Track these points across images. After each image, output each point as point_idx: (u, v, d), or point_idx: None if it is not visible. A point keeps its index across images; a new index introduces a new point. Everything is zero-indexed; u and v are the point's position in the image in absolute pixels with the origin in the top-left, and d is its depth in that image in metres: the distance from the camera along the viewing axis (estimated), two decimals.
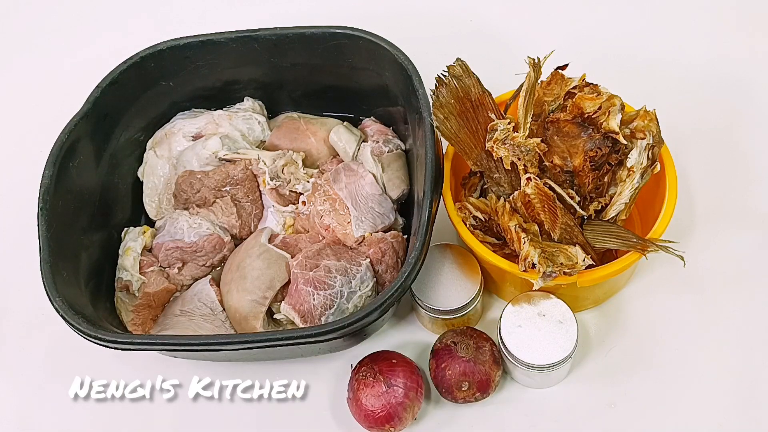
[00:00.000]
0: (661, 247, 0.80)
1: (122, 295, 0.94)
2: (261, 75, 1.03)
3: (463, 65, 0.86)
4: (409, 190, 0.97)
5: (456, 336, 0.88)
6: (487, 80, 0.87)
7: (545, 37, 1.14)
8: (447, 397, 0.88)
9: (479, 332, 0.89)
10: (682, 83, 1.10)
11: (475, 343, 0.87)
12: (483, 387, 0.86)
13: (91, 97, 0.94)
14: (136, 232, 0.97)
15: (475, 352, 0.86)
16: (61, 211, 0.87)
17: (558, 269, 0.78)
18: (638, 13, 1.19)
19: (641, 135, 0.82)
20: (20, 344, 1.00)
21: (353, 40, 0.95)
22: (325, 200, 0.94)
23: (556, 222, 0.82)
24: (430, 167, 0.83)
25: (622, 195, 0.83)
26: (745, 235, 0.98)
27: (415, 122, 0.91)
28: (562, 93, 0.85)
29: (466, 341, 0.87)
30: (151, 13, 1.30)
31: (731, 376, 0.89)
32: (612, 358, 0.91)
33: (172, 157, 1.01)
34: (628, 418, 0.88)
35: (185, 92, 1.03)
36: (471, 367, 0.86)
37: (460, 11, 1.21)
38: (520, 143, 0.82)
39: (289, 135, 1.02)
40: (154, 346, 0.81)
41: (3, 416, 0.96)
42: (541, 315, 0.84)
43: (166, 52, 0.98)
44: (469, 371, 0.86)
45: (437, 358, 0.88)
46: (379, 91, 0.99)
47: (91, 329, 0.79)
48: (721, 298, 0.94)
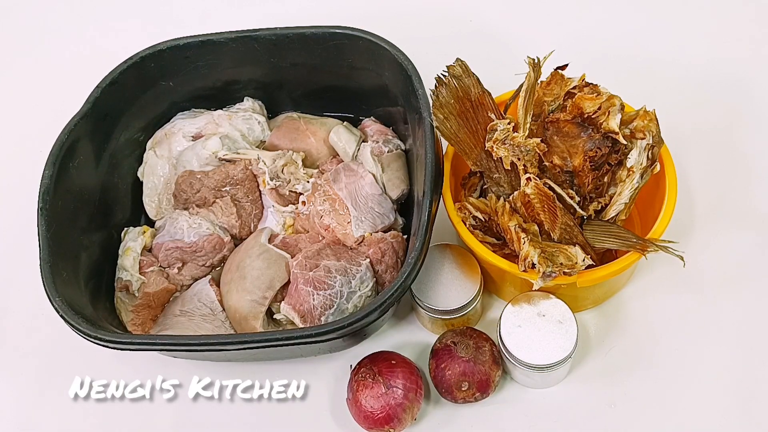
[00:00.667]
0: (660, 247, 0.80)
1: (122, 295, 0.94)
2: (261, 75, 1.03)
3: (462, 65, 0.86)
4: (408, 190, 0.97)
5: (456, 336, 0.88)
6: (486, 80, 0.87)
7: (545, 37, 1.14)
8: (447, 397, 0.88)
9: (479, 332, 0.89)
10: (681, 83, 1.10)
11: (474, 343, 0.87)
12: (483, 387, 0.86)
13: (91, 97, 0.94)
14: (136, 232, 0.97)
15: (475, 352, 0.86)
16: (61, 211, 0.87)
17: (558, 269, 0.79)
18: (638, 14, 1.19)
19: (641, 135, 0.82)
20: (20, 344, 1.00)
21: (353, 40, 0.95)
22: (324, 200, 0.94)
23: (556, 222, 0.82)
24: (429, 167, 0.83)
25: (622, 195, 0.83)
26: (744, 235, 0.98)
27: (414, 122, 0.91)
28: (562, 93, 0.85)
29: (465, 341, 0.87)
30: (151, 13, 1.30)
31: (731, 376, 0.89)
32: (612, 358, 0.91)
33: (172, 157, 1.01)
34: (628, 417, 0.88)
35: (185, 92, 1.03)
36: (471, 367, 0.86)
37: (460, 11, 1.22)
38: (520, 143, 0.82)
39: (288, 135, 1.02)
40: (154, 346, 0.81)
41: (2, 416, 0.96)
42: (541, 315, 0.84)
43: (166, 52, 0.98)
44: (469, 371, 0.86)
45: (437, 358, 0.88)
46: (379, 91, 0.99)
47: (91, 329, 0.79)
48: (721, 298, 0.94)
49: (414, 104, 0.89)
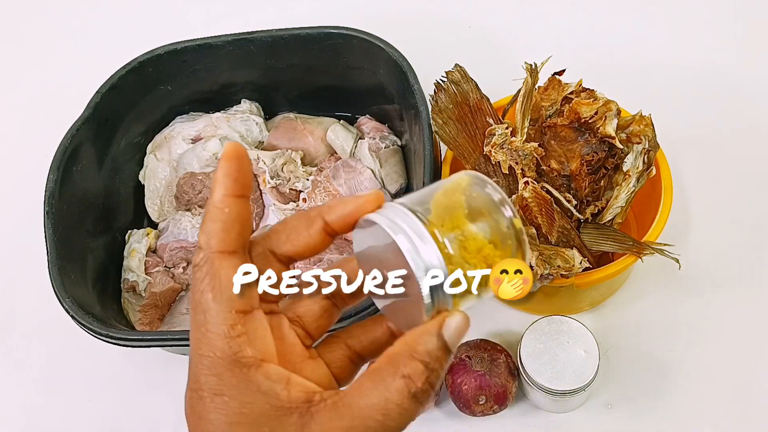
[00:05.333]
0: (656, 250, 0.80)
1: (129, 296, 0.94)
2: (257, 77, 1.03)
3: (461, 71, 0.87)
4: (406, 184, 0.98)
5: (470, 350, 0.87)
6: (485, 85, 0.88)
7: (542, 43, 1.14)
8: (465, 411, 0.87)
9: (493, 344, 0.88)
10: (677, 89, 1.11)
11: (489, 355, 0.86)
12: (500, 399, 0.85)
13: (91, 102, 0.94)
14: (140, 234, 0.98)
15: (490, 365, 0.85)
16: (67, 215, 0.88)
17: (555, 271, 0.79)
18: (634, 20, 1.20)
19: (637, 139, 0.82)
20: (26, 346, 1.01)
21: (348, 39, 0.96)
22: (325, 196, 0.94)
23: (553, 225, 0.82)
24: (428, 160, 0.84)
25: (618, 199, 0.84)
26: (739, 237, 0.99)
27: (411, 118, 0.91)
28: (559, 98, 0.86)
29: (480, 354, 0.86)
30: (148, 18, 1.30)
31: (727, 378, 0.90)
32: (608, 360, 0.92)
33: (173, 160, 1.01)
34: (625, 418, 0.89)
35: (183, 96, 1.04)
36: (486, 380, 0.84)
37: (459, 18, 1.22)
38: (518, 147, 0.82)
39: (286, 135, 1.03)
40: (164, 342, 0.82)
41: (10, 416, 0.96)
42: (563, 340, 0.83)
43: (164, 57, 0.98)
44: (485, 385, 0.84)
45: (452, 372, 0.86)
46: (375, 89, 1.00)
47: (102, 327, 0.80)
48: (716, 300, 0.95)
49: (410, 101, 0.90)
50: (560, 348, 0.83)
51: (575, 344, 0.83)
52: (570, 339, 0.83)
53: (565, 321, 0.84)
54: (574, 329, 0.84)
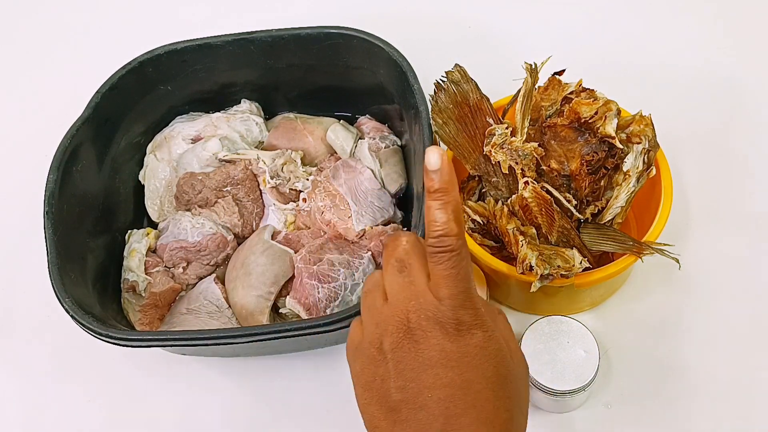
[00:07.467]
0: (656, 250, 0.80)
1: (129, 296, 0.94)
2: (257, 77, 1.03)
3: (461, 71, 0.87)
4: (406, 184, 0.98)
5: None
6: (485, 85, 0.88)
7: (542, 44, 1.14)
8: None
9: None
10: (677, 88, 1.11)
11: None
12: None
13: (91, 102, 0.94)
14: (140, 234, 0.98)
15: None
16: (67, 215, 0.88)
17: (555, 272, 0.79)
18: (634, 20, 1.20)
19: (637, 139, 0.82)
20: (26, 347, 1.00)
21: (347, 39, 0.95)
22: (325, 196, 0.94)
23: (553, 225, 0.82)
24: None
25: (618, 199, 0.84)
26: (739, 237, 0.99)
27: (411, 118, 0.91)
28: (559, 98, 0.86)
29: None
30: (148, 18, 1.30)
31: (727, 377, 0.90)
32: (608, 360, 0.92)
33: (172, 160, 1.01)
34: (625, 418, 0.89)
35: (183, 96, 1.04)
36: None
37: (459, 18, 1.22)
38: (518, 147, 0.83)
39: (286, 135, 1.03)
40: (164, 342, 0.82)
41: (10, 417, 0.96)
42: (563, 341, 0.83)
43: (164, 57, 0.98)
44: None
45: None
46: (375, 89, 1.00)
47: (102, 327, 0.80)
48: (716, 300, 0.95)
49: (410, 100, 0.90)
50: (560, 348, 0.83)
51: (575, 344, 0.83)
52: (570, 339, 0.83)
53: (565, 321, 0.84)
54: (574, 329, 0.84)
